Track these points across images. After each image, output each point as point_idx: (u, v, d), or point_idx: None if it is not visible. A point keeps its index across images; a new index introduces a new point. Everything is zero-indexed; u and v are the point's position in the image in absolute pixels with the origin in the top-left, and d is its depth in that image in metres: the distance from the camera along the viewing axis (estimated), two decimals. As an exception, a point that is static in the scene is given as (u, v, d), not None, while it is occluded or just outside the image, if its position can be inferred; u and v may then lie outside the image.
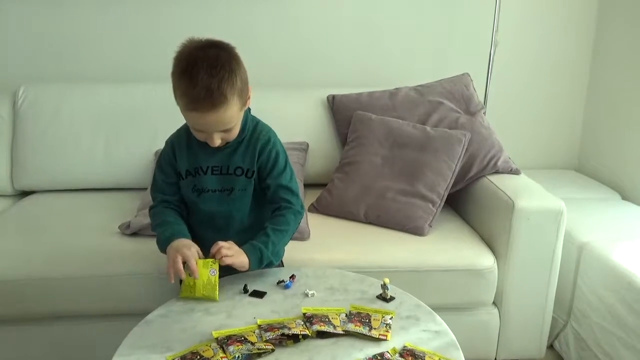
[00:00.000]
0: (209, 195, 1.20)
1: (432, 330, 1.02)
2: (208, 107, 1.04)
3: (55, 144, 1.89)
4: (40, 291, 1.42)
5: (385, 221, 1.66)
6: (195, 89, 1.03)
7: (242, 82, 1.09)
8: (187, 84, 1.04)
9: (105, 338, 1.16)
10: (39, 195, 1.92)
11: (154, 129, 1.90)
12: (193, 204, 1.22)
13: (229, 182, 1.19)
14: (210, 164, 1.19)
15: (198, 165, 1.19)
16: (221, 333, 0.98)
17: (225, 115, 1.07)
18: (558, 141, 2.41)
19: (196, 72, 1.03)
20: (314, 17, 2.18)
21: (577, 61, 2.32)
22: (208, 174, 1.19)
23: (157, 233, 1.19)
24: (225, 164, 1.19)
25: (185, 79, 1.04)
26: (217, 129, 1.09)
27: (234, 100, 1.07)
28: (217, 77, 1.03)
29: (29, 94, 1.93)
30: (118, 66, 2.13)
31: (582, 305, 1.64)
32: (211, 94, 1.03)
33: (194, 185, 1.20)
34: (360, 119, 1.87)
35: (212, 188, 1.20)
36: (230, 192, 1.20)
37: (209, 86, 1.03)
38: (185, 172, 1.20)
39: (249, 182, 1.20)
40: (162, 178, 1.23)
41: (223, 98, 1.04)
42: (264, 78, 2.12)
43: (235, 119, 1.11)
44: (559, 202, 1.53)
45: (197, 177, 1.20)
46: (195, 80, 1.03)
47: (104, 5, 2.09)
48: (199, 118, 1.07)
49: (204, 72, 1.03)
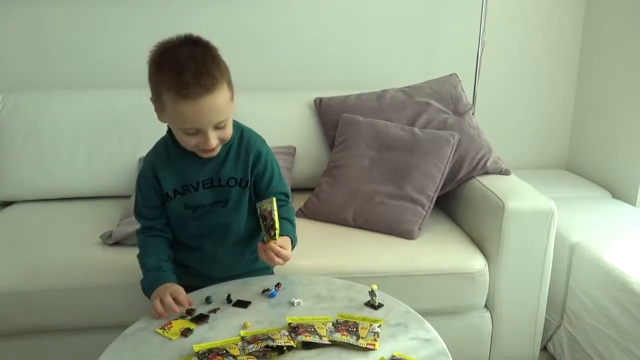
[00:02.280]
0: (204, 209, 1.15)
1: (422, 338, 0.99)
2: (201, 90, 0.96)
3: (36, 153, 1.84)
4: (19, 305, 1.38)
5: (374, 225, 1.63)
6: (181, 76, 0.96)
7: (226, 71, 1.03)
8: (172, 74, 0.97)
9: (87, 352, 1.12)
10: (20, 205, 1.87)
11: (136, 135, 1.86)
12: (187, 220, 1.16)
13: (223, 194, 1.15)
14: (200, 179, 1.13)
15: (187, 183, 1.13)
16: (202, 346, 0.94)
17: (219, 101, 0.99)
18: (548, 140, 2.40)
19: (178, 61, 0.97)
20: (300, 21, 2.16)
21: (566, 60, 2.31)
22: (200, 189, 1.14)
23: (144, 271, 1.15)
24: (217, 176, 1.13)
25: (168, 69, 0.98)
26: (212, 120, 1.01)
27: (225, 86, 1.01)
28: (201, 61, 0.98)
29: (8, 103, 1.88)
30: (99, 72, 2.09)
31: (575, 306, 1.62)
32: (200, 76, 0.96)
33: (185, 203, 1.15)
34: (347, 121, 1.84)
35: (206, 202, 1.15)
36: (226, 204, 1.15)
37: (195, 70, 0.96)
38: (172, 192, 1.13)
39: (244, 192, 1.16)
40: (143, 202, 1.17)
41: (214, 79, 0.98)
42: (250, 81, 2.10)
43: (228, 110, 1.03)
44: (550, 202, 1.51)
45: (188, 194, 1.14)
46: (180, 67, 0.96)
47: (84, 10, 2.05)
48: (192, 108, 0.97)
49: (187, 60, 0.97)
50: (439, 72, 2.00)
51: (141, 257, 1.17)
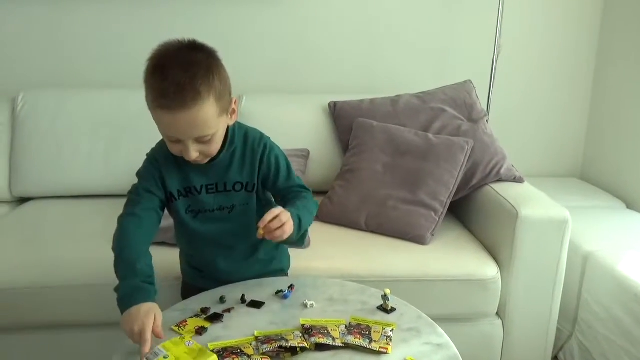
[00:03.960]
0: (208, 215, 1.11)
1: (434, 343, 0.99)
2: (178, 104, 0.92)
3: (54, 150, 1.88)
4: (36, 299, 1.40)
5: (386, 230, 1.63)
6: (164, 83, 0.92)
7: (222, 84, 0.98)
8: (156, 79, 0.93)
9: (102, 347, 1.14)
10: (37, 201, 1.90)
11: (152, 135, 1.84)
12: (190, 226, 1.13)
13: (228, 200, 1.11)
14: (203, 183, 1.10)
15: (190, 185, 1.10)
16: (217, 345, 0.95)
17: (198, 117, 0.94)
18: (562, 149, 2.39)
19: (169, 67, 0.93)
20: (317, 24, 2.17)
21: (581, 68, 2.30)
22: (202, 193, 1.10)
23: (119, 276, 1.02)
24: (222, 181, 1.10)
25: (157, 74, 0.94)
26: (191, 135, 0.96)
27: (210, 101, 0.95)
28: (190, 72, 0.93)
29: (29, 100, 1.92)
30: (117, 72, 2.12)
31: (587, 316, 1.61)
32: (182, 89, 0.91)
33: (188, 206, 1.11)
34: (361, 126, 1.85)
35: (210, 208, 1.11)
36: (232, 210, 1.12)
37: (179, 81, 0.91)
38: (177, 192, 1.10)
39: (251, 197, 1.13)
40: (142, 184, 1.09)
41: (196, 94, 0.92)
42: (265, 84, 2.13)
43: (213, 127, 0.98)
44: (564, 210, 1.51)
45: (191, 197, 1.10)
46: (166, 74, 0.92)
47: (102, 12, 2.08)
48: (169, 120, 0.94)
49: (178, 68, 0.93)
50: (453, 78, 2.00)
51: (122, 251, 1.03)
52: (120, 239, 1.06)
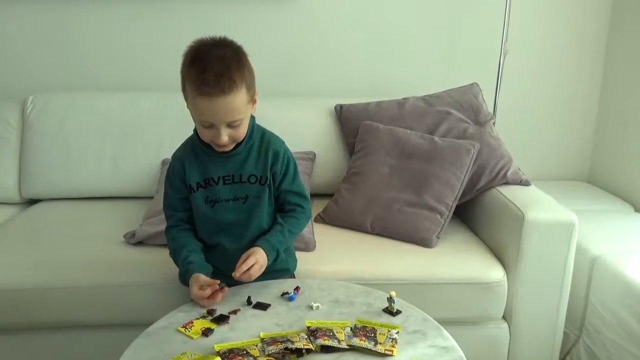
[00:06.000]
0: (223, 204, 1.21)
1: (440, 346, 1.00)
2: (217, 91, 1.06)
3: (62, 153, 1.90)
4: (45, 300, 1.41)
5: (392, 232, 1.63)
6: (205, 74, 1.05)
7: (250, 76, 1.12)
8: (196, 70, 1.07)
9: (110, 348, 1.14)
10: (46, 203, 1.92)
11: (161, 137, 1.90)
12: (208, 215, 1.22)
13: (243, 191, 1.21)
14: (221, 174, 1.20)
15: (209, 177, 1.20)
16: (223, 346, 0.96)
17: (233, 103, 1.08)
18: (569, 152, 2.38)
19: (206, 60, 1.07)
20: (323, 27, 2.18)
21: (589, 70, 2.29)
22: (220, 184, 1.20)
23: (178, 265, 1.21)
24: (238, 173, 1.20)
25: (195, 66, 1.07)
26: (225, 119, 1.09)
27: (243, 90, 1.09)
28: (225, 64, 1.07)
29: (38, 103, 1.94)
30: (126, 75, 2.14)
31: (595, 320, 1.60)
32: (220, 78, 1.05)
33: (206, 197, 1.21)
34: (367, 128, 1.85)
35: (226, 197, 1.21)
36: (245, 200, 1.21)
37: (218, 71, 1.06)
38: (195, 184, 1.21)
39: (263, 189, 1.21)
40: (174, 195, 1.24)
41: (232, 83, 1.06)
42: (271, 86, 2.13)
43: (243, 112, 1.11)
44: (571, 214, 1.50)
45: (209, 187, 1.21)
46: (204, 65, 1.06)
47: (112, 15, 2.10)
48: (207, 105, 1.07)
49: (214, 60, 1.07)
50: (460, 81, 2.00)
51: (174, 253, 1.23)
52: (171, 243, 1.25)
